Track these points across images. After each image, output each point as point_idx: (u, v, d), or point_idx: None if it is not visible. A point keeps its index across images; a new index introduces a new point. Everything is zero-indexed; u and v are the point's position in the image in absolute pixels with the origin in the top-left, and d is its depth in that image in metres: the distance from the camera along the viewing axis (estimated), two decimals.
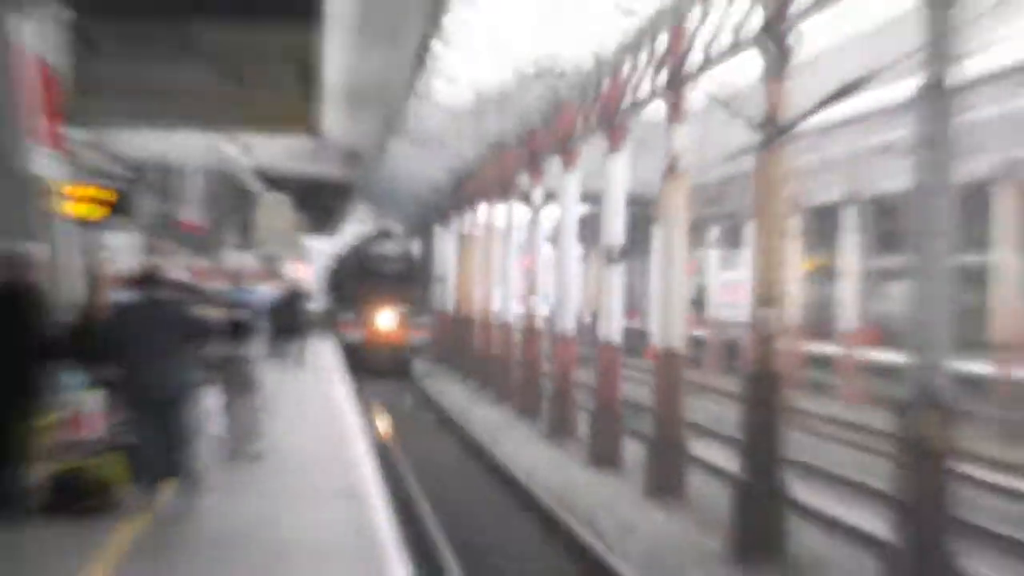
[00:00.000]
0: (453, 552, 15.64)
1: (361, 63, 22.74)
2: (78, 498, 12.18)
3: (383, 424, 28.06)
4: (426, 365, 41.95)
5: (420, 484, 20.36)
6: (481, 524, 18.30)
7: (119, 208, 19.48)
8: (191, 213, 28.10)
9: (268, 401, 16.42)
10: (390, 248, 43.25)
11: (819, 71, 20.84)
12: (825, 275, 39.25)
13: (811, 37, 16.37)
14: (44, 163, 15.02)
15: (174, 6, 13.97)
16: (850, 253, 35.98)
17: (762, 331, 15.36)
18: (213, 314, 13.97)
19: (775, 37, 14.94)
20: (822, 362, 37.00)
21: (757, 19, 15.43)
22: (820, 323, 38.88)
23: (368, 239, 46.14)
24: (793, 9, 14.54)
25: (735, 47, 16.49)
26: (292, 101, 14.25)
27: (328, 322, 43.88)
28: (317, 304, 45.09)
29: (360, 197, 49.88)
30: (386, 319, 40.21)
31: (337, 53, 19.60)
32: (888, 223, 33.89)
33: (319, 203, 42.96)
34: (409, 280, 42.46)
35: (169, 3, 14.07)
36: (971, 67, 14.55)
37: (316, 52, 14.24)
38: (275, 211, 34.51)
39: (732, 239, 42.34)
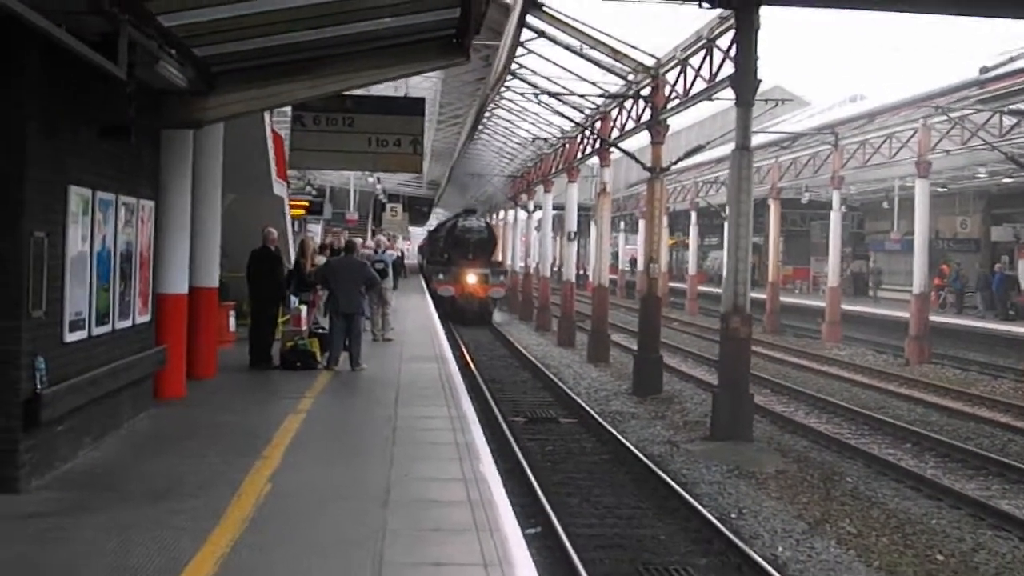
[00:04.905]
0: (486, 382, 25.73)
1: (439, 135, 35.68)
2: (296, 361, 18.52)
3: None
4: None
5: (470, 351, 32.31)
6: (500, 372, 29.42)
7: (314, 210, 31.16)
8: (350, 213, 40.60)
9: (395, 309, 25.67)
10: (473, 222, 48.62)
11: (678, 141, 36.44)
12: (680, 246, 71.56)
13: (674, 122, 28.78)
14: (279, 188, 25.28)
15: (346, 108, 18.73)
16: (692, 235, 60.72)
17: (649, 275, 27.56)
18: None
19: (654, 125, 27.12)
20: (678, 292, 61.70)
21: (647, 115, 27.67)
22: (677, 271, 69.92)
23: (456, 216, 52.37)
24: (663, 113, 26.67)
25: (637, 128, 28.93)
26: (408, 157, 19.61)
27: (419, 272, 58.62)
28: (412, 260, 68.82)
29: (437, 205, 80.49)
30: (471, 278, 44.86)
31: (429, 132, 30.57)
32: (711, 220, 58.96)
33: (415, 208, 67.21)
34: (487, 247, 47.63)
35: (341, 104, 18.56)
36: (757, 138, 26.60)
37: (421, 131, 20.52)
38: (393, 212, 48.85)
39: (631, 227, 72.21)
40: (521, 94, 33.15)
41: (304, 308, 21.33)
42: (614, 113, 31.51)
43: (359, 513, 9.03)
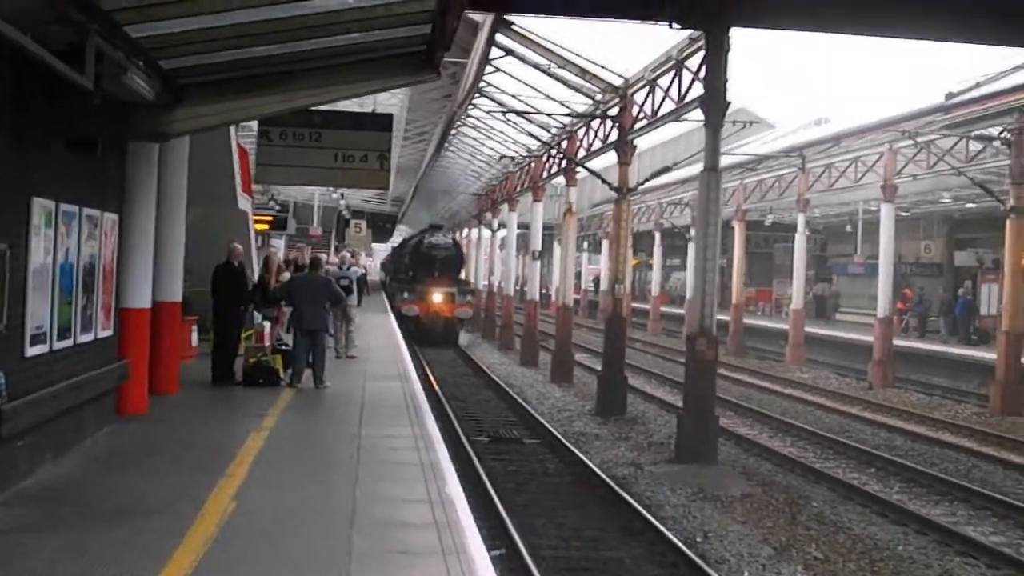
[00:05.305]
0: (449, 401, 25.42)
1: (404, 152, 35.45)
2: (259, 377, 18.45)
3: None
4: None
5: (433, 370, 31.74)
6: (464, 390, 29.14)
7: (278, 225, 30.99)
8: (314, 228, 40.21)
9: (358, 327, 25.34)
10: (439, 239, 46.44)
11: (642, 162, 36.01)
12: (644, 267, 70.07)
13: (638, 143, 28.74)
14: (244, 202, 25.34)
15: (313, 123, 18.65)
16: (656, 256, 60.67)
17: (615, 295, 27.54)
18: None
19: (621, 146, 27.13)
20: (641, 312, 59.84)
21: (614, 135, 27.67)
22: (640, 291, 67.49)
23: (422, 232, 50.38)
24: (631, 134, 26.65)
25: (604, 148, 28.93)
26: (375, 172, 19.60)
27: (381, 289, 57.96)
28: (374, 277, 66.55)
29: (401, 222, 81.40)
30: (437, 297, 42.04)
31: (395, 148, 30.19)
32: (674, 241, 60.79)
33: (379, 224, 67.38)
34: (454, 265, 45.89)
35: (309, 119, 18.48)
36: (723, 160, 26.61)
37: (388, 147, 20.30)
38: (357, 228, 47.81)
39: (594, 247, 72.46)
40: (488, 112, 33.06)
41: (268, 324, 21.12)
42: (581, 132, 31.50)
43: (325, 534, 8.89)
